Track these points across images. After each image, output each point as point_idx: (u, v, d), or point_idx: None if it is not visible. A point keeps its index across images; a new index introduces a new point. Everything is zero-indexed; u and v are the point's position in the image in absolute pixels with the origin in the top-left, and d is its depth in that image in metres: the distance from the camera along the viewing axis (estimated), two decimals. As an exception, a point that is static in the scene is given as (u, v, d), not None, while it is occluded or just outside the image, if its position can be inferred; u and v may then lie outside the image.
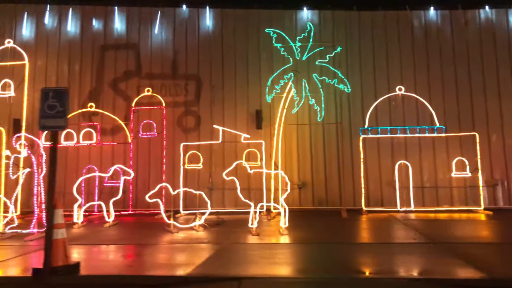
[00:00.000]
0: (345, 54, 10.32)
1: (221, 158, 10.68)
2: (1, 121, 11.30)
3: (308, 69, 9.98)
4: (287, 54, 9.95)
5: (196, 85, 11.09)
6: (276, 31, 10.05)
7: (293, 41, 9.94)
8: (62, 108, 4.42)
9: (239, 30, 11.13)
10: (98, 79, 11.37)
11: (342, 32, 10.56)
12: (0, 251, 6.07)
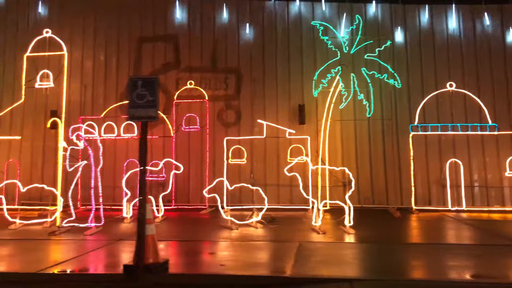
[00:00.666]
0: (394, 48, 10.03)
1: (262, 153, 10.46)
2: (37, 112, 11.18)
3: (357, 63, 9.71)
4: (334, 47, 9.67)
5: (236, 78, 10.84)
6: (323, 24, 9.78)
7: (340, 34, 9.66)
8: (152, 98, 4.20)
9: (281, 23, 10.86)
10: (135, 72, 11.13)
11: (390, 25, 10.27)
12: (66, 246, 5.88)
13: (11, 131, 11.13)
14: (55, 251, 5.66)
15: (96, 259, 5.03)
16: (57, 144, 10.25)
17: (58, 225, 6.75)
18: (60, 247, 5.88)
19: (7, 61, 11.52)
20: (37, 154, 11.09)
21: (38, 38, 10.48)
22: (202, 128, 9.97)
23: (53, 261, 4.83)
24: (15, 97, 11.26)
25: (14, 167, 10.41)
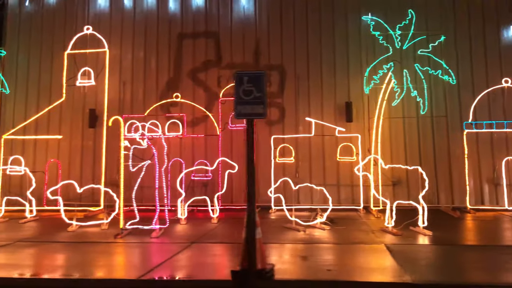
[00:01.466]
0: (448, 44, 9.76)
1: (307, 152, 10.22)
2: (75, 110, 10.97)
3: (410, 59, 9.44)
4: (386, 43, 9.42)
5: (280, 75, 10.60)
6: (374, 19, 9.52)
7: (393, 29, 9.40)
8: (259, 94, 3.97)
9: (325, 17, 10.60)
10: (176, 69, 10.92)
11: (444, 20, 10.00)
12: (142, 249, 5.66)
13: (49, 130, 10.94)
14: (134, 254, 5.44)
15: (188, 264, 4.80)
16: (100, 143, 10.14)
17: (122, 227, 6.53)
18: (136, 251, 5.64)
19: (43, 59, 11.32)
20: (75, 154, 10.88)
21: (79, 35, 10.33)
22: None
23: (145, 266, 4.60)
24: (52, 96, 11.10)
25: (54, 167, 10.24)
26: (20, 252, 5.59)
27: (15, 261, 5.12)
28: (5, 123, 11.08)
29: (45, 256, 5.42)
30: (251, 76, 4.01)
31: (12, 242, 6.12)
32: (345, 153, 9.59)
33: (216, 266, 4.68)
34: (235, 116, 4.11)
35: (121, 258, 5.23)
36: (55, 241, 6.25)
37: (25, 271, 4.59)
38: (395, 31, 9.38)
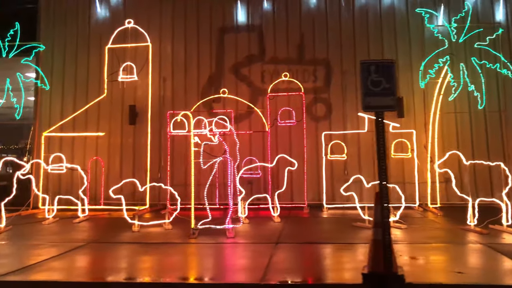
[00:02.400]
0: (507, 36, 9.51)
1: (356, 148, 9.97)
2: (113, 107, 10.67)
3: (467, 52, 9.19)
4: (442, 36, 9.15)
5: (326, 70, 10.33)
6: (428, 11, 9.25)
7: (448, 22, 9.14)
8: (388, 85, 3.70)
9: (373, 10, 10.33)
10: (218, 64, 10.62)
11: (501, 12, 9.74)
12: (229, 250, 5.38)
13: (87, 127, 10.63)
14: (229, 256, 5.12)
15: (297, 266, 4.49)
16: (140, 141, 9.85)
17: (193, 227, 6.25)
18: (224, 252, 5.30)
19: (79, 54, 11.00)
20: (114, 151, 10.59)
21: (120, 29, 10.03)
22: (300, 122, 9.45)
23: (254, 269, 4.30)
24: (90, 92, 10.81)
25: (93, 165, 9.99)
26: (101, 254, 5.32)
27: (108, 263, 4.84)
28: (42, 120, 10.77)
29: (132, 258, 5.12)
30: (379, 65, 3.73)
31: (84, 243, 5.84)
32: (398, 150, 9.34)
33: (329, 268, 4.41)
34: (362, 108, 3.83)
35: (219, 260, 4.93)
36: (127, 242, 5.97)
37: (128, 274, 4.31)
38: (450, 24, 9.11)
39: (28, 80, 10.32)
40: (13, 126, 11.92)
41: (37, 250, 5.43)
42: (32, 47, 10.27)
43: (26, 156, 11.63)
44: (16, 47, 10.10)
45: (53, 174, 9.51)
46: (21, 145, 11.69)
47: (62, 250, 5.34)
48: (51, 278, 4.07)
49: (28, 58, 10.15)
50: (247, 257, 4.95)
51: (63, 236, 6.54)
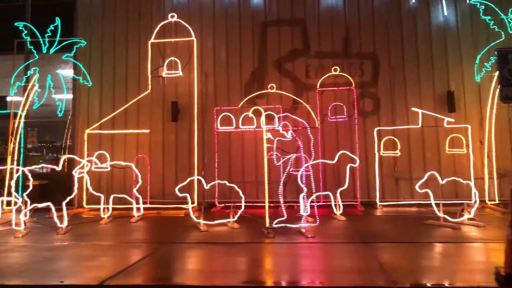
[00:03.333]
0: None
1: (406, 143, 9.74)
2: (154, 103, 10.44)
3: None
4: (498, 27, 8.91)
5: (373, 64, 10.10)
6: (484, 2, 9.01)
7: (504, 13, 8.90)
8: (528, 75, 3.47)
9: (421, 2, 10.09)
10: (260, 59, 10.39)
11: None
12: (317, 251, 5.16)
13: (127, 124, 10.42)
14: (328, 257, 4.86)
15: (413, 267, 4.28)
16: (182, 138, 9.63)
17: (268, 226, 6.05)
18: (318, 253, 5.06)
19: (117, 49, 10.77)
20: (156, 148, 10.37)
21: (163, 23, 9.81)
22: (351, 118, 9.24)
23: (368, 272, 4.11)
24: (129, 88, 10.60)
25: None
26: (190, 254, 5.11)
27: (214, 265, 4.61)
28: (80, 117, 10.56)
29: (229, 258, 4.88)
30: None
31: (161, 243, 5.64)
32: (452, 145, 9.12)
33: (453, 269, 4.20)
34: (501, 99, 3.61)
35: (321, 261, 4.67)
36: (204, 242, 5.74)
37: (249, 277, 4.08)
38: (507, 16, 8.87)
39: (69, 76, 10.09)
40: (48, 124, 11.69)
41: (117, 251, 5.23)
42: (73, 42, 10.03)
43: (64, 154, 11.40)
44: (56, 42, 9.87)
45: (94, 173, 9.30)
46: (58, 143, 11.45)
47: (146, 251, 5.14)
48: (171, 282, 3.87)
49: (69, 54, 9.92)
50: (346, 257, 4.73)
51: (132, 236, 6.34)
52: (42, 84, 9.91)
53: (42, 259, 4.81)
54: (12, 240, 6.03)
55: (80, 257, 4.95)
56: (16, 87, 9.89)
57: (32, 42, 9.96)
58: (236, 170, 10.05)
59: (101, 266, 4.49)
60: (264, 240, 5.73)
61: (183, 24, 9.64)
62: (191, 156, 10.21)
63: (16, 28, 10.31)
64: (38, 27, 10.15)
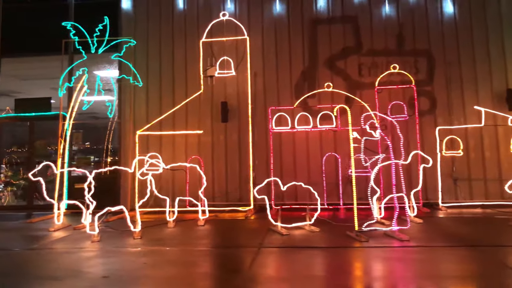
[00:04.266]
0: None
1: (464, 144, 9.47)
2: (204, 103, 10.24)
3: None
4: None
5: (428, 62, 9.85)
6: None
7: None
8: None
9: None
10: (311, 58, 10.17)
11: None
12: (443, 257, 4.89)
13: (175, 124, 10.20)
14: (449, 263, 4.64)
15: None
16: (232, 138, 9.42)
17: (357, 229, 5.81)
18: (434, 258, 4.82)
19: (163, 52, 10.56)
20: (206, 149, 10.15)
21: (215, 22, 9.61)
22: (412, 117, 9.00)
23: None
24: (177, 88, 10.40)
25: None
26: (311, 261, 4.84)
27: (328, 271, 4.40)
28: (126, 118, 10.37)
29: (364, 264, 4.68)
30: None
31: (255, 247, 5.41)
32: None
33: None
34: None
35: (444, 267, 4.44)
36: (292, 246, 5.52)
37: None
38: None
39: (119, 77, 9.88)
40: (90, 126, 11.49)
41: (217, 257, 5.01)
42: (119, 43, 9.83)
43: (108, 157, 11.22)
44: (105, 42, 9.67)
45: (145, 175, 9.09)
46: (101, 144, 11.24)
47: (247, 256, 4.92)
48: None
49: (118, 53, 9.72)
50: (466, 262, 4.49)
51: (213, 241, 6.12)
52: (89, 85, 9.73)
53: (143, 265, 4.60)
54: (90, 245, 5.82)
55: (187, 263, 4.72)
56: (65, 88, 9.70)
57: (80, 42, 9.75)
58: (287, 171, 9.82)
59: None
60: (354, 244, 5.49)
61: (233, 23, 9.44)
62: (241, 157, 10.01)
63: (56, 28, 10.14)
64: (83, 26, 9.96)
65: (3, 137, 10.71)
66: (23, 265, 4.79)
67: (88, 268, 4.60)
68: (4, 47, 10.98)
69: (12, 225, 8.08)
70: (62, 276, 4.23)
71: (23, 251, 5.50)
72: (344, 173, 9.12)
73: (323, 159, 9.24)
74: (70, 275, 4.26)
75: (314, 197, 9.58)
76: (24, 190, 11.87)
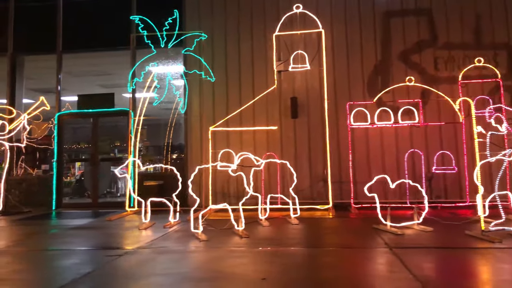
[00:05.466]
0: None
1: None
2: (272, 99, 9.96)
3: None
4: None
5: (508, 55, 9.49)
6: None
7: None
8: None
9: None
10: (384, 51, 9.85)
11: None
12: None
13: (241, 121, 9.93)
14: None
15: None
16: (302, 134, 9.10)
17: (484, 229, 5.51)
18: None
19: (229, 46, 10.30)
20: (274, 146, 9.88)
21: (288, 15, 9.34)
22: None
23: None
24: (242, 83, 10.14)
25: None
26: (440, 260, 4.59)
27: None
28: (192, 113, 10.14)
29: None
30: None
31: (385, 247, 5.14)
32: None
33: None
34: None
35: None
36: (415, 246, 5.23)
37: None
38: None
39: (190, 72, 9.65)
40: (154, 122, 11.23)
41: (350, 257, 4.75)
42: (194, 36, 9.60)
43: (173, 153, 11.02)
44: (175, 36, 9.46)
45: (220, 173, 8.87)
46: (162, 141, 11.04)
47: (390, 256, 4.64)
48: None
49: (189, 48, 9.49)
50: None
51: (331, 240, 5.88)
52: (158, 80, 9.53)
53: (289, 266, 4.34)
54: (202, 244, 5.57)
55: (334, 264, 4.46)
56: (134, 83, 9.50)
57: (149, 37, 9.54)
58: (360, 168, 9.52)
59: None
60: (484, 245, 5.18)
61: (305, 15, 9.16)
62: (311, 154, 9.75)
63: (120, 23, 9.96)
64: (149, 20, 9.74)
65: (64, 133, 10.53)
66: (144, 264, 4.56)
67: (228, 268, 4.34)
68: (65, 42, 10.81)
69: (95, 223, 7.87)
70: (211, 278, 3.98)
71: (139, 250, 5.27)
72: (427, 171, 8.82)
73: (405, 156, 8.92)
74: (218, 276, 4.01)
75: (404, 195, 9.34)
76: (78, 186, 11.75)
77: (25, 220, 8.46)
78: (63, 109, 11.01)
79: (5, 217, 8.90)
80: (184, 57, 9.93)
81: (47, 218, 8.87)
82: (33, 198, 10.45)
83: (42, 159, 11.03)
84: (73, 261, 4.74)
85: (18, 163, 10.77)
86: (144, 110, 9.38)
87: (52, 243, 6.10)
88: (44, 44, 10.91)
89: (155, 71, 9.41)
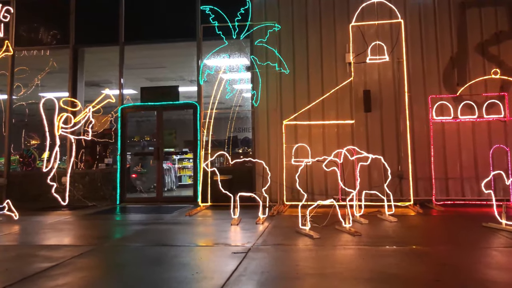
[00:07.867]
0: None
1: None
2: (342, 92, 9.70)
3: None
4: None
5: None
6: None
7: None
8: None
9: None
10: (460, 43, 9.51)
11: None
12: None
13: (310, 115, 9.68)
14: None
15: None
16: (374, 129, 8.75)
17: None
18: None
19: (296, 37, 10.02)
20: (344, 141, 9.63)
21: (365, 4, 9.05)
22: None
23: None
24: (311, 75, 9.88)
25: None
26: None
27: None
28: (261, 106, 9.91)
29: None
30: None
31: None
32: None
33: None
34: None
35: None
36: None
37: None
38: None
39: (264, 63, 9.41)
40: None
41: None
42: (263, 27, 9.35)
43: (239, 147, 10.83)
44: (247, 27, 9.21)
45: (291, 167, 8.66)
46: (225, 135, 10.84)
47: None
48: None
49: (262, 39, 9.24)
50: None
51: (452, 239, 5.63)
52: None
53: (450, 268, 4.10)
54: (317, 241, 5.35)
55: (472, 264, 4.22)
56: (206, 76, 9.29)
57: (220, 27, 9.31)
58: (437, 164, 9.22)
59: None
60: None
61: (381, 4, 8.86)
62: (384, 148, 9.49)
63: (183, 13, 9.72)
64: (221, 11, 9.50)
65: (127, 126, 10.39)
66: (285, 263, 4.37)
67: (384, 268, 4.12)
68: (127, 34, 10.63)
69: (179, 218, 7.63)
70: (378, 279, 3.77)
71: (260, 247, 5.08)
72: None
73: (491, 152, 8.60)
74: (380, 278, 3.79)
75: (468, 192, 9.07)
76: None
77: (95, 214, 8.33)
78: (124, 101, 10.85)
79: (72, 211, 8.78)
80: (254, 49, 9.67)
81: (119, 212, 8.73)
82: (96, 192, 10.36)
83: (101, 153, 10.89)
84: (222, 259, 4.55)
85: (78, 157, 10.67)
86: (216, 103, 9.17)
87: (166, 239, 5.89)
88: (105, 36, 10.74)
89: (226, 64, 9.19)
